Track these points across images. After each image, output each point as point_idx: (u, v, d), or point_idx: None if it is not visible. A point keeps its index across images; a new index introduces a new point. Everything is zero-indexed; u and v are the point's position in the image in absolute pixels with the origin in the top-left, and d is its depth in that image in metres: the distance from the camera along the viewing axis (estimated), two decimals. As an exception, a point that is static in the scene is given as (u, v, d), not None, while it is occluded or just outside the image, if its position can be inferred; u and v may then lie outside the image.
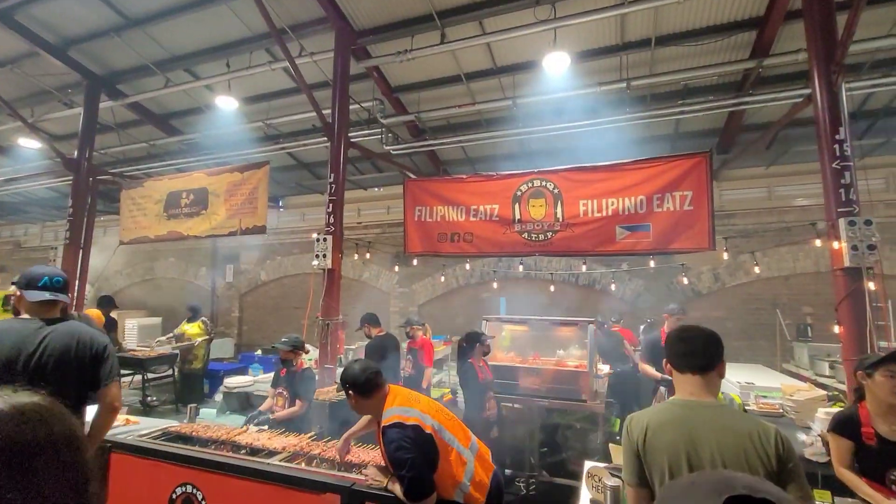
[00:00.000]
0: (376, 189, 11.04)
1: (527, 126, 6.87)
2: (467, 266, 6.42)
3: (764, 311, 8.18)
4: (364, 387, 2.28)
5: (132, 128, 9.42)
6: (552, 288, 9.14)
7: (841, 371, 5.29)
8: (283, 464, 2.80)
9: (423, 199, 5.66)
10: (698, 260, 8.43)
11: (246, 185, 6.30)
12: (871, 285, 3.78)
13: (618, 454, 2.16)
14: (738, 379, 4.91)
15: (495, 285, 8.62)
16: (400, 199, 10.02)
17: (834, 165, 3.98)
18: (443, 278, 10.09)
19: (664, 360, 1.72)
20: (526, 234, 4.94)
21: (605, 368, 5.56)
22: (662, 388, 4.51)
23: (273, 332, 11.61)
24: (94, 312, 5.99)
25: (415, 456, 2.02)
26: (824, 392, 4.28)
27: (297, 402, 3.97)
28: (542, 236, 4.85)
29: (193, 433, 3.29)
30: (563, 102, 6.49)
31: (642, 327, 7.57)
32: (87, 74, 7.73)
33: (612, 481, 1.92)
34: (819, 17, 4.19)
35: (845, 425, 2.29)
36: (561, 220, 4.75)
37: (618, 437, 5.28)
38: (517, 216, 5.01)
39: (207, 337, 7.41)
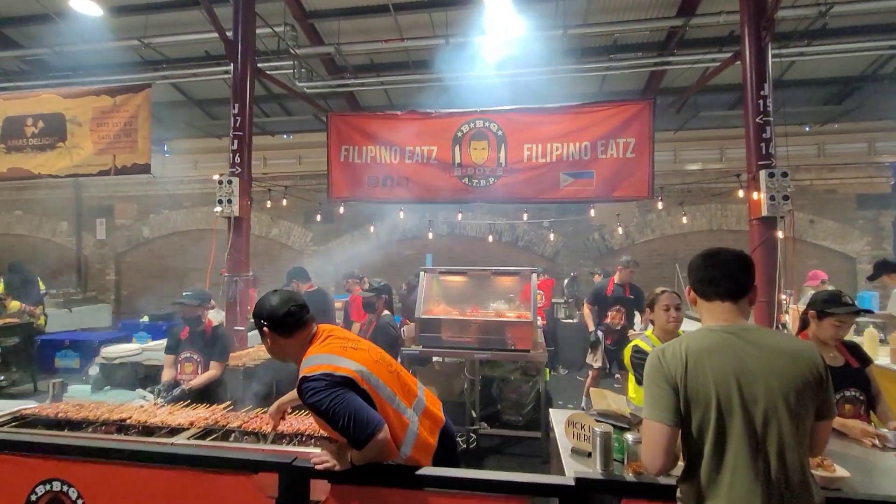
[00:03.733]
0: (285, 136, 9.87)
1: (459, 70, 6.41)
2: (401, 215, 5.93)
3: (664, 265, 8.95)
4: (283, 323, 1.79)
5: (-56, 33, 7.11)
6: (476, 244, 9.08)
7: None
8: (193, 442, 2.24)
9: (351, 136, 4.99)
10: (611, 219, 8.91)
11: (119, 112, 5.06)
12: (780, 234, 4.12)
13: (599, 399, 2.00)
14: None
15: (430, 235, 8.26)
16: (314, 147, 9.10)
17: (757, 120, 4.19)
18: (363, 235, 9.49)
19: (687, 287, 1.53)
20: (466, 180, 4.61)
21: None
22: (600, 333, 4.63)
23: (161, 297, 10.08)
24: None
25: (346, 395, 1.62)
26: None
27: (213, 364, 3.36)
28: (483, 181, 4.56)
29: (60, 415, 2.53)
30: (501, 46, 6.12)
31: (566, 281, 7.84)
32: None
33: (601, 427, 1.73)
34: (753, -29, 4.28)
35: None
36: (504, 164, 4.49)
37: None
38: (458, 159, 4.64)
39: None
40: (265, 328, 1.83)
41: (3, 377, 5.76)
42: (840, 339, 2.32)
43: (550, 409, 2.49)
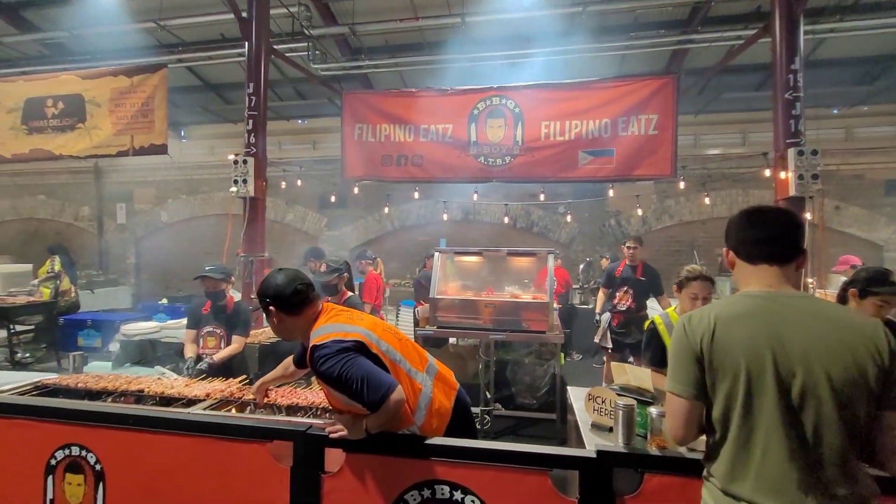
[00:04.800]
0: (300, 121, 9.85)
1: (475, 51, 6.27)
2: (416, 195, 5.84)
3: (682, 252, 8.77)
4: (290, 301, 1.76)
5: (-33, 17, 7.20)
6: (490, 230, 9.00)
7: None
8: (209, 412, 2.25)
9: (365, 115, 4.93)
10: (628, 204, 8.73)
11: (137, 93, 5.08)
12: (808, 215, 3.96)
13: (620, 373, 1.94)
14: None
15: (445, 217, 8.15)
16: (328, 132, 9.05)
17: (786, 96, 4.01)
18: (377, 219, 9.48)
19: (724, 249, 1.41)
20: (482, 158, 4.52)
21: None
22: (606, 315, 4.56)
23: (180, 280, 10.27)
24: None
25: (358, 359, 1.58)
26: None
27: (236, 338, 3.38)
28: (500, 160, 4.46)
29: (80, 385, 2.57)
30: (518, 26, 5.96)
31: (581, 266, 7.74)
32: None
33: (624, 401, 1.67)
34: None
35: None
36: (521, 143, 4.38)
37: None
38: (473, 137, 4.55)
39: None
40: (271, 307, 1.78)
41: (28, 354, 5.93)
42: (883, 320, 2.20)
43: (568, 387, 2.44)
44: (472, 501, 1.58)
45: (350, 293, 3.31)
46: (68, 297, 6.27)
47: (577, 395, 2.20)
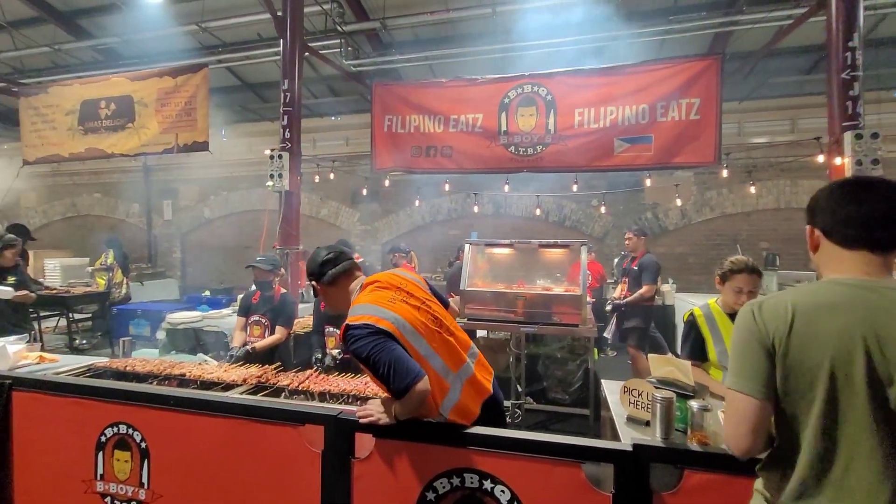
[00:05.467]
0: (333, 118, 10.03)
1: (506, 41, 6.17)
2: (446, 187, 5.80)
3: (725, 246, 8.36)
4: (323, 272, 1.85)
5: (28, 27, 7.72)
6: (522, 224, 8.88)
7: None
8: (245, 396, 2.32)
9: (395, 106, 4.95)
10: (666, 197, 8.41)
11: (181, 92, 5.30)
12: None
13: (660, 365, 1.85)
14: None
15: (476, 209, 8.10)
16: (360, 129, 9.18)
17: (843, 76, 3.73)
18: (408, 214, 9.55)
19: (809, 227, 1.18)
20: (513, 148, 4.44)
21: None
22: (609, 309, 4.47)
23: (222, 274, 10.72)
24: None
25: (388, 343, 1.58)
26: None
27: (279, 329, 3.47)
28: (531, 150, 4.37)
29: (128, 368, 2.71)
30: (550, 14, 5.81)
31: (616, 260, 7.53)
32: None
33: (663, 393, 1.60)
34: None
35: None
36: (553, 131, 4.28)
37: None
38: (503, 127, 4.48)
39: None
40: (314, 281, 1.88)
41: (85, 340, 6.34)
42: None
43: (602, 380, 2.37)
44: (502, 491, 1.56)
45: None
46: (120, 289, 6.65)
47: (611, 389, 2.13)
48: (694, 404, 1.55)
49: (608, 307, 4.86)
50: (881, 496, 0.95)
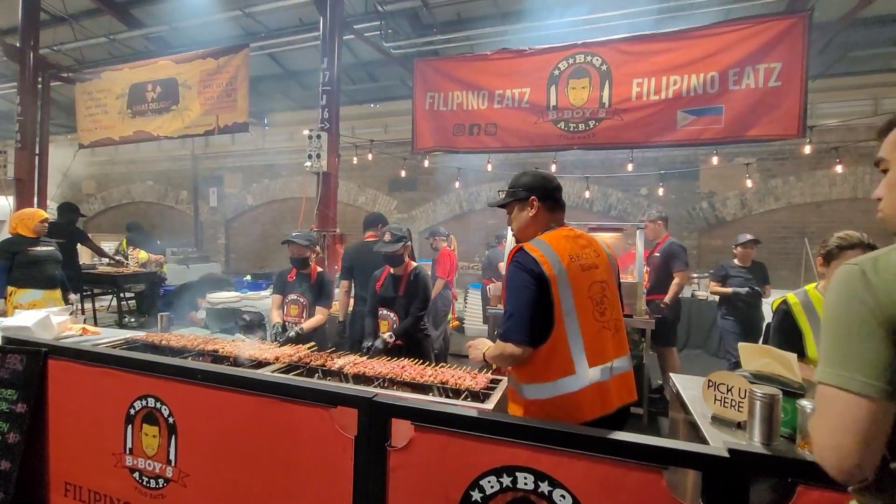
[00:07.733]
0: (372, 105, 9.95)
1: (552, 17, 5.79)
2: (489, 167, 5.50)
3: (791, 239, 7.66)
4: (552, 194, 1.81)
5: (87, 18, 8.04)
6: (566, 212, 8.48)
7: None
8: (277, 374, 2.19)
9: (437, 83, 4.72)
10: (723, 185, 7.80)
11: (222, 73, 5.30)
12: None
13: (755, 357, 1.55)
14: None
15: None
16: (398, 115, 9.04)
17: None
18: (445, 202, 9.36)
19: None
20: (563, 124, 4.11)
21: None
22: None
23: (263, 260, 10.94)
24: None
25: (530, 291, 1.55)
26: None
27: (320, 309, 3.34)
28: (582, 126, 4.03)
29: (163, 342, 2.66)
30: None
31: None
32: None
33: (764, 389, 1.31)
34: None
35: None
36: (608, 104, 3.91)
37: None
38: (553, 102, 4.15)
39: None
40: (533, 196, 1.76)
41: (133, 319, 6.55)
42: None
43: (672, 374, 2.07)
44: (563, 496, 1.32)
45: (414, 263, 3.11)
46: (150, 269, 6.79)
47: (685, 384, 1.83)
48: (806, 405, 1.25)
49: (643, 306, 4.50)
50: None
